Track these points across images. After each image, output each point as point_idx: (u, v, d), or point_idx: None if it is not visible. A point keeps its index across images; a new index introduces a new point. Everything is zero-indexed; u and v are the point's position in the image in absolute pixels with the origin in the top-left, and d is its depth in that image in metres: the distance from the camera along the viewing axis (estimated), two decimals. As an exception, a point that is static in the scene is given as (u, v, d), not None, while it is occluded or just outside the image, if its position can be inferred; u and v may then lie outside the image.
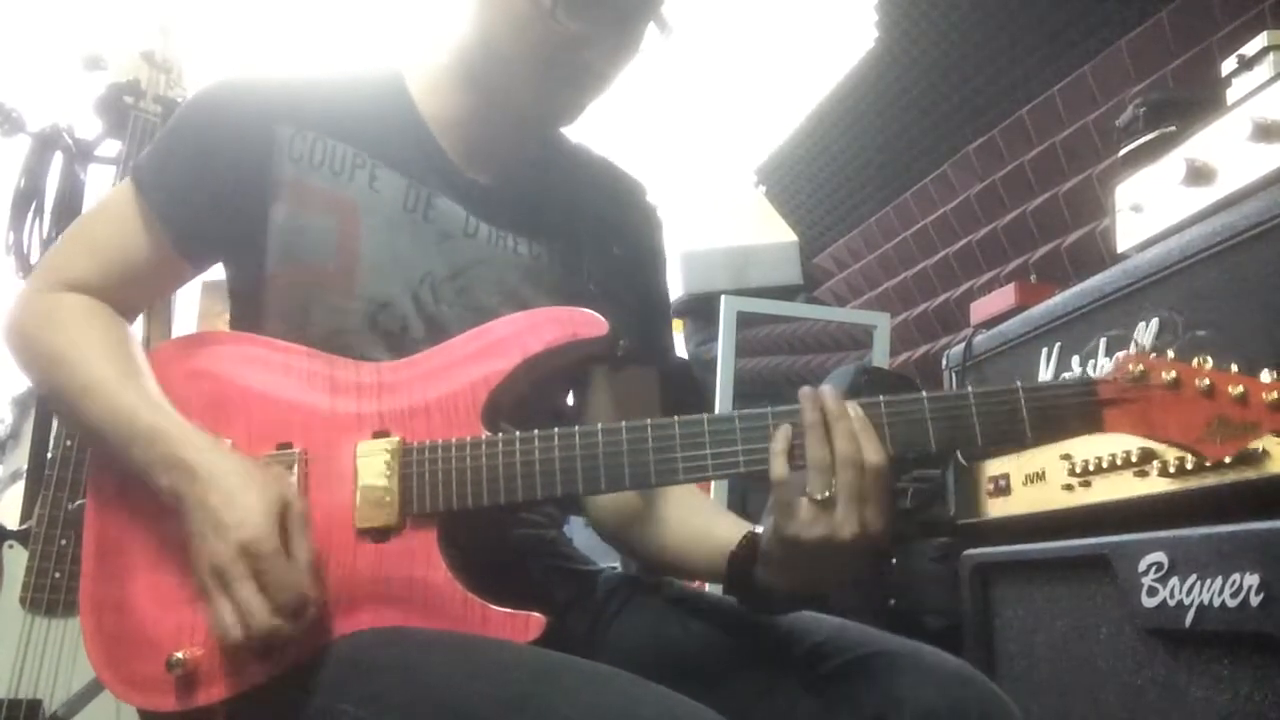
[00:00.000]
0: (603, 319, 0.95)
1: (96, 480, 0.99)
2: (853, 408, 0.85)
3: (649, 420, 0.89)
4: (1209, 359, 0.85)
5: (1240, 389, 0.83)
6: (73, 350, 0.96)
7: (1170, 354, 0.87)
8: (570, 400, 1.17)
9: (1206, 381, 0.84)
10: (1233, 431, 0.83)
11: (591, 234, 1.12)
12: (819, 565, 0.87)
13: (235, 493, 0.85)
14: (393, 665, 0.84)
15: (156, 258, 1.03)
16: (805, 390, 0.86)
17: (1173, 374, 0.85)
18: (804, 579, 0.89)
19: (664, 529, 1.08)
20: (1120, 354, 1.36)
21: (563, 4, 0.95)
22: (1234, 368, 0.85)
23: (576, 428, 0.90)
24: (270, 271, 1.01)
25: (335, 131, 1.02)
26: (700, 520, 1.05)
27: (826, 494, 0.83)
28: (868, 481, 0.83)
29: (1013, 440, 0.86)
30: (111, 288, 1.02)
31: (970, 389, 0.86)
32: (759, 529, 0.94)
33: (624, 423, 0.90)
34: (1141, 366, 0.86)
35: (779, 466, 0.85)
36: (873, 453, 0.83)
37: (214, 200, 1.01)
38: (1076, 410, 0.86)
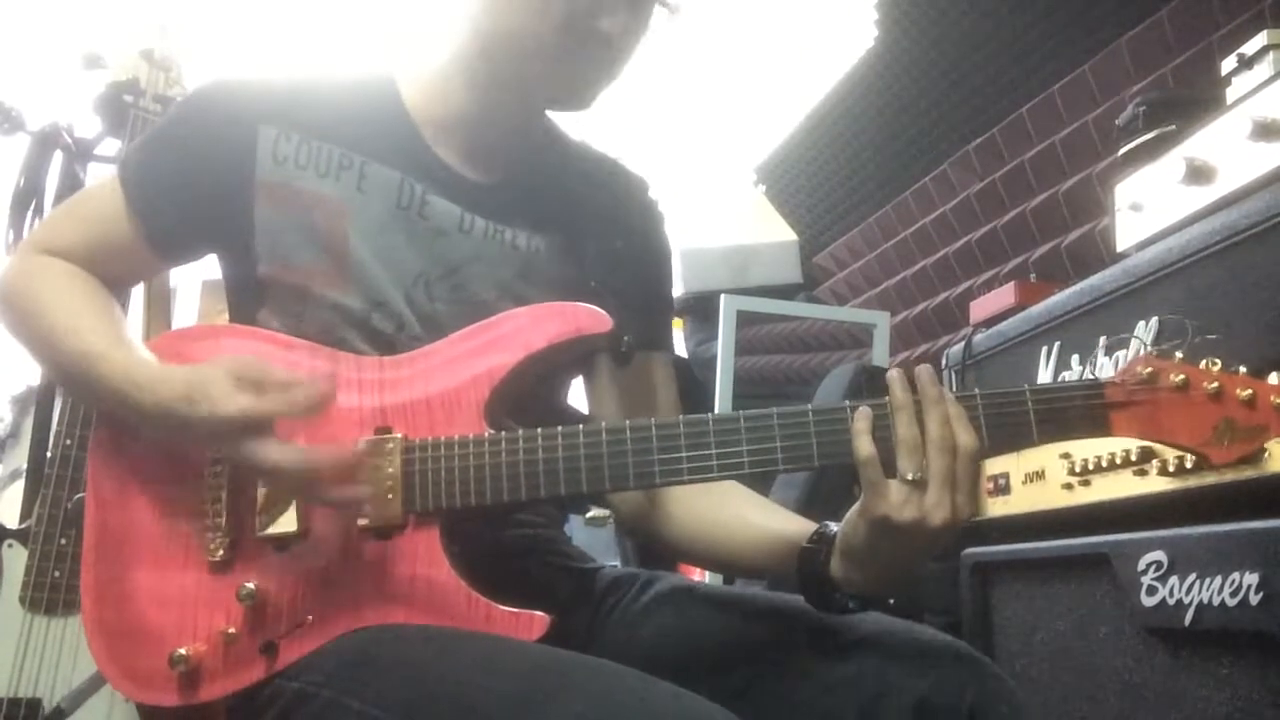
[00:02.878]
0: (606, 315, 0.96)
1: (96, 475, 0.99)
2: (946, 391, 0.85)
3: (653, 419, 0.89)
4: (1217, 361, 0.84)
5: (1249, 392, 0.82)
6: (52, 299, 1.01)
7: (1178, 356, 0.86)
8: (584, 397, 1.17)
9: (1215, 384, 0.83)
10: (1240, 435, 0.83)
11: (593, 229, 1.12)
12: (901, 553, 0.86)
13: (192, 394, 0.88)
14: (399, 662, 0.84)
15: (132, 248, 1.06)
16: (893, 373, 0.86)
17: (1181, 376, 0.84)
18: (881, 571, 0.89)
19: (710, 523, 1.06)
20: (1121, 352, 1.37)
21: None
22: (1242, 370, 0.84)
23: (580, 426, 0.90)
24: (262, 273, 1.02)
25: (322, 133, 1.03)
26: (758, 516, 1.03)
27: (918, 475, 0.83)
28: (960, 466, 0.83)
29: (1019, 442, 0.86)
30: (91, 262, 1.06)
31: (977, 391, 0.86)
32: (830, 525, 0.94)
33: (628, 421, 0.90)
34: (1150, 368, 0.85)
35: (864, 445, 0.84)
36: (966, 437, 0.83)
37: (194, 202, 1.04)
38: (1083, 412, 0.85)
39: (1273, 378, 0.83)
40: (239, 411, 0.86)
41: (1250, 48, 1.40)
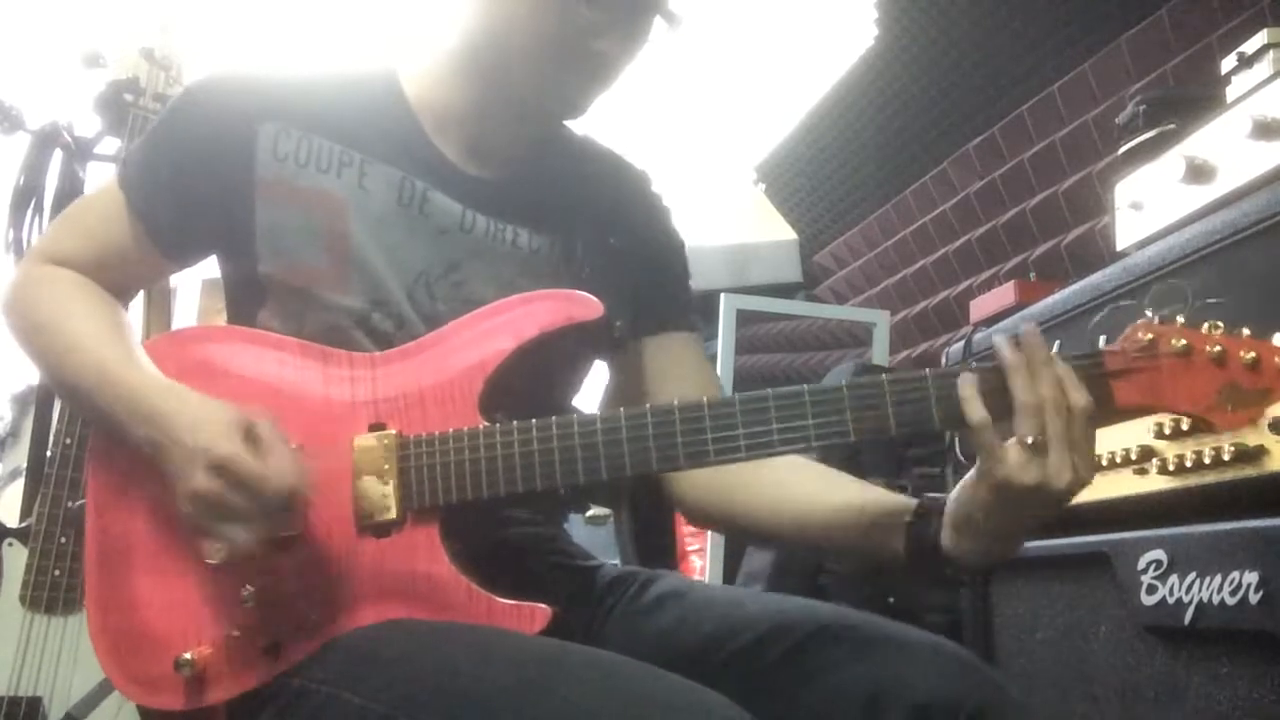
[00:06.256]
0: (597, 300, 0.95)
1: (95, 482, 0.99)
2: (1053, 351, 0.83)
3: (648, 405, 0.90)
4: (1219, 325, 0.82)
5: (1253, 354, 0.80)
6: (57, 311, 1.00)
7: (1179, 321, 0.84)
8: (606, 387, 1.17)
9: (1218, 348, 0.81)
10: (1245, 399, 0.81)
11: (589, 225, 1.11)
12: (1019, 519, 0.85)
13: (198, 423, 0.87)
14: (401, 656, 0.84)
15: (138, 252, 1.05)
16: (1000, 338, 0.84)
17: (1182, 341, 0.82)
18: (993, 540, 0.88)
19: (797, 504, 1.03)
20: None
21: None
22: (1245, 332, 0.82)
23: (574, 416, 0.90)
24: (263, 271, 1.01)
25: (322, 129, 1.02)
26: (849, 492, 1.01)
27: (1038, 437, 0.81)
28: (1077, 426, 0.81)
29: None
30: (98, 269, 1.05)
31: (973, 364, 0.86)
32: (933, 496, 0.93)
33: (622, 410, 0.90)
34: (1150, 335, 0.83)
35: (976, 410, 0.83)
36: (1080, 397, 0.82)
37: (196, 200, 1.03)
38: (1084, 383, 0.83)
39: (1277, 338, 0.81)
40: (224, 453, 0.85)
41: (1250, 46, 1.40)
